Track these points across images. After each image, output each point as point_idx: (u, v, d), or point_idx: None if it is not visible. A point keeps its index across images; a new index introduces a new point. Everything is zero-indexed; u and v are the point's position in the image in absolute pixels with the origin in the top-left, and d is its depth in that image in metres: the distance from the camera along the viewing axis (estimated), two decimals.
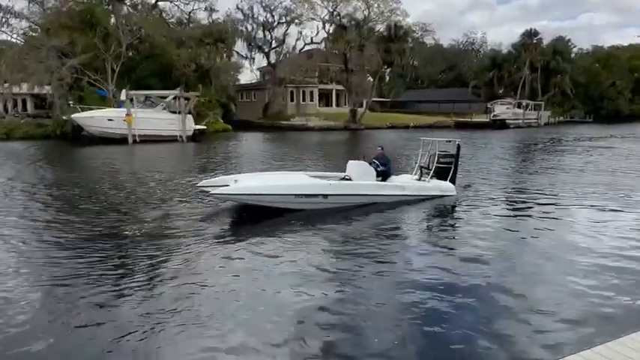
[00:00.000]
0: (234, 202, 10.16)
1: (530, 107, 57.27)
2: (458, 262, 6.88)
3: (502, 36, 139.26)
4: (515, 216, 10.08)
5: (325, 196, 10.05)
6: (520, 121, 53.53)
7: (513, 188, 13.21)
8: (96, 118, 28.32)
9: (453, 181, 12.01)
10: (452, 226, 9.51)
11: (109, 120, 28.21)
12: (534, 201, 11.32)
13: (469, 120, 53.52)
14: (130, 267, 6.71)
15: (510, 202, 11.45)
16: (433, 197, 11.43)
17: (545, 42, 71.66)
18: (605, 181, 14.23)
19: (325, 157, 22.02)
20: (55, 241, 7.91)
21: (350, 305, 5.49)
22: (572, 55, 77.12)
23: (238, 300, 5.64)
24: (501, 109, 54.74)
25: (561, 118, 67.54)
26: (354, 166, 11.22)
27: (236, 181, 10.35)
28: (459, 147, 12.15)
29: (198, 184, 11.01)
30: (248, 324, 5.07)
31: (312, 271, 6.57)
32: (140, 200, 11.28)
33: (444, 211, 10.71)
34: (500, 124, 50.98)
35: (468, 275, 6.36)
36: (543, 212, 10.10)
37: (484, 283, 6.10)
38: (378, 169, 11.24)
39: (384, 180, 11.33)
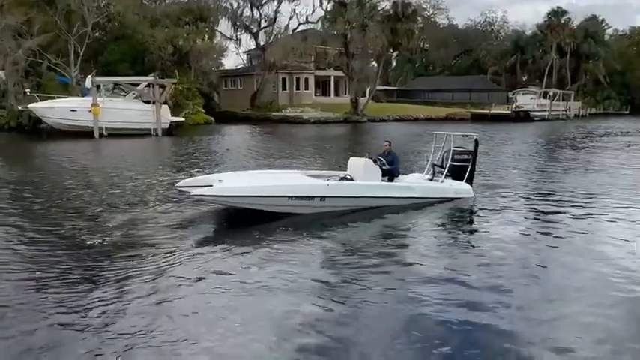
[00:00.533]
0: (218, 205, 10.08)
1: (557, 97, 57.49)
2: (472, 283, 6.67)
3: (525, 15, 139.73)
4: (542, 225, 9.87)
5: (323, 198, 9.97)
6: (546, 113, 53.74)
7: (539, 191, 13.16)
8: (56, 109, 28.13)
9: (470, 181, 11.99)
10: (467, 236, 9.38)
11: (72, 111, 28.02)
12: (563, 206, 11.26)
13: (488, 112, 53.60)
14: (95, 282, 6.60)
15: (536, 207, 11.33)
16: (447, 200, 11.37)
17: (575, 22, 71.87)
18: None
19: (323, 153, 21.98)
20: (5, 252, 7.79)
21: (345, 328, 5.41)
22: (606, 38, 77.39)
23: (218, 320, 5.55)
24: (525, 100, 55.00)
25: (593, 110, 67.84)
26: (357, 165, 11.13)
27: (220, 180, 10.26)
28: (476, 142, 12.13)
29: (177, 185, 10.91)
30: (229, 345, 5.01)
31: (305, 286, 6.50)
32: (107, 204, 11.16)
33: (458, 218, 10.66)
34: (523, 117, 51.17)
35: (482, 301, 6.10)
36: (574, 220, 10.00)
37: (500, 315, 5.77)
38: (384, 168, 11.16)
39: (390, 180, 11.27)
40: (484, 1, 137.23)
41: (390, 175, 11.29)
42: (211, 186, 9.85)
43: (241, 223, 9.56)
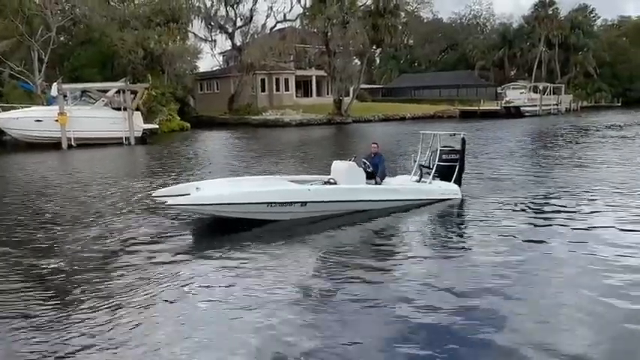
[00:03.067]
0: (195, 215, 10.07)
1: (548, 91, 58.24)
2: (456, 288, 6.63)
3: (512, 7, 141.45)
4: (533, 225, 9.86)
5: (304, 203, 9.97)
6: (537, 108, 54.41)
7: (531, 190, 13.16)
8: (20, 120, 27.71)
9: (458, 181, 12.06)
10: (453, 238, 9.29)
11: (37, 121, 27.62)
12: (556, 205, 11.30)
13: (477, 108, 54.15)
14: (62, 302, 6.45)
15: (527, 207, 11.34)
16: (434, 201, 11.44)
17: (563, 13, 72.98)
18: None
19: (306, 158, 21.95)
20: None
21: (326, 337, 5.37)
22: (596, 29, 78.66)
23: (193, 332, 5.46)
24: (514, 95, 55.64)
25: (585, 103, 68.81)
26: (340, 168, 11.20)
27: (198, 188, 10.25)
28: (463, 141, 12.21)
29: (154, 194, 10.93)
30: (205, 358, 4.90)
31: (285, 295, 6.43)
32: (74, 218, 10.97)
33: (444, 220, 10.71)
34: (514, 112, 51.76)
35: (468, 310, 6.01)
36: (567, 219, 10.01)
37: (490, 325, 5.65)
38: (368, 170, 11.25)
39: (377, 183, 11.34)
40: None
41: (375, 177, 11.35)
42: (188, 194, 9.83)
43: (220, 231, 9.57)
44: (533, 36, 71.93)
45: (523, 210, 11.00)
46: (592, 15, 78.39)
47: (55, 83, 28.87)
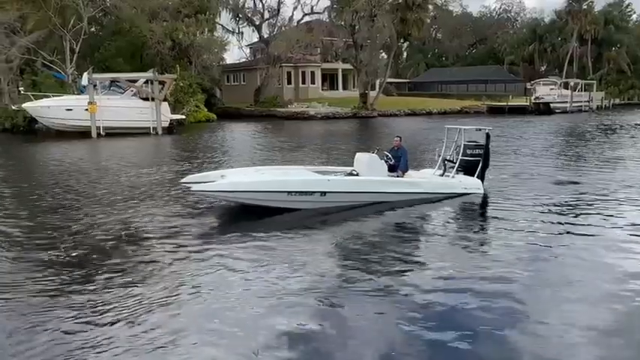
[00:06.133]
0: (221, 201, 10.53)
1: (579, 88, 57.10)
2: (471, 286, 6.58)
3: (544, 1, 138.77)
4: (555, 226, 9.54)
5: (323, 193, 10.25)
6: (567, 105, 53.42)
7: (557, 190, 12.92)
8: (52, 108, 28.39)
9: (481, 176, 12.05)
10: (471, 235, 9.30)
11: (68, 110, 28.27)
12: (582, 207, 11.03)
13: (505, 104, 53.43)
14: (85, 287, 6.75)
15: (551, 207, 10.98)
16: (455, 195, 11.49)
17: (597, 7, 71.32)
18: None
19: (331, 150, 22.07)
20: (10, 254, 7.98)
21: (341, 332, 5.48)
22: (631, 24, 76.76)
23: (207, 322, 5.67)
24: (544, 91, 54.66)
25: (617, 101, 67.28)
26: (362, 160, 11.41)
27: (223, 176, 10.68)
28: (488, 136, 12.16)
29: (182, 180, 11.43)
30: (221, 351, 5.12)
31: (302, 287, 6.59)
32: (105, 203, 11.35)
33: (464, 214, 10.78)
34: (543, 109, 50.93)
35: (484, 306, 5.98)
36: (592, 221, 9.68)
37: (504, 321, 5.64)
38: (390, 163, 11.42)
39: (399, 176, 11.48)
40: None
41: (397, 170, 11.48)
42: (214, 182, 10.21)
43: (244, 218, 10.01)
44: (566, 31, 70.48)
45: (544, 209, 10.73)
46: (628, 10, 76.51)
47: (85, 73, 29.45)
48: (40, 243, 8.52)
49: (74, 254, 7.95)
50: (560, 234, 9.06)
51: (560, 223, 9.70)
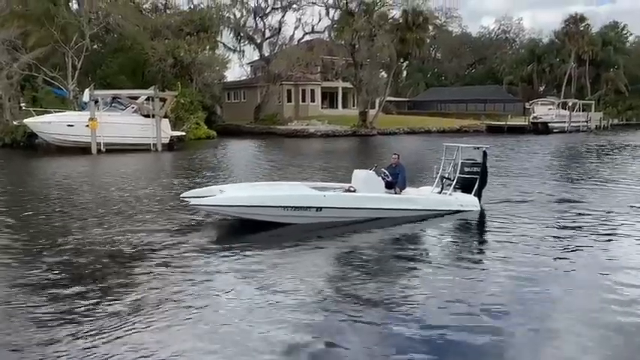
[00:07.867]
0: (219, 215, 10.72)
1: (577, 108, 57.46)
2: (469, 307, 6.54)
3: (542, 22, 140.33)
4: (549, 243, 9.59)
5: (319, 209, 10.37)
6: (566, 125, 53.75)
7: (553, 208, 13.04)
8: (53, 124, 28.53)
9: (478, 194, 12.12)
10: (465, 252, 9.36)
11: (69, 125, 28.42)
12: (576, 224, 11.08)
13: (504, 123, 53.74)
14: (82, 297, 6.77)
15: (546, 223, 11.15)
16: (451, 212, 11.57)
17: (594, 29, 72.06)
18: None
19: (330, 167, 22.15)
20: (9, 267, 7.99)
21: (335, 347, 5.49)
22: (628, 45, 77.49)
23: (201, 338, 5.69)
24: (543, 110, 55.02)
25: (615, 121, 67.61)
26: (360, 177, 11.58)
27: (221, 191, 10.83)
28: (485, 154, 12.28)
29: (182, 195, 11.58)
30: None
31: (293, 300, 6.64)
32: (105, 217, 11.38)
33: (459, 232, 10.85)
34: (541, 128, 51.23)
35: (477, 324, 5.97)
36: (584, 241, 9.70)
37: (497, 340, 5.65)
38: (387, 180, 11.52)
39: (397, 192, 11.58)
40: (499, 8, 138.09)
41: (394, 187, 11.57)
42: (213, 196, 10.37)
43: (241, 232, 10.14)
44: (564, 52, 71.18)
45: (540, 227, 10.77)
46: (624, 32, 77.36)
47: (87, 89, 29.68)
48: (36, 255, 8.54)
49: (69, 268, 7.97)
50: (556, 251, 9.10)
51: (557, 241, 9.76)
